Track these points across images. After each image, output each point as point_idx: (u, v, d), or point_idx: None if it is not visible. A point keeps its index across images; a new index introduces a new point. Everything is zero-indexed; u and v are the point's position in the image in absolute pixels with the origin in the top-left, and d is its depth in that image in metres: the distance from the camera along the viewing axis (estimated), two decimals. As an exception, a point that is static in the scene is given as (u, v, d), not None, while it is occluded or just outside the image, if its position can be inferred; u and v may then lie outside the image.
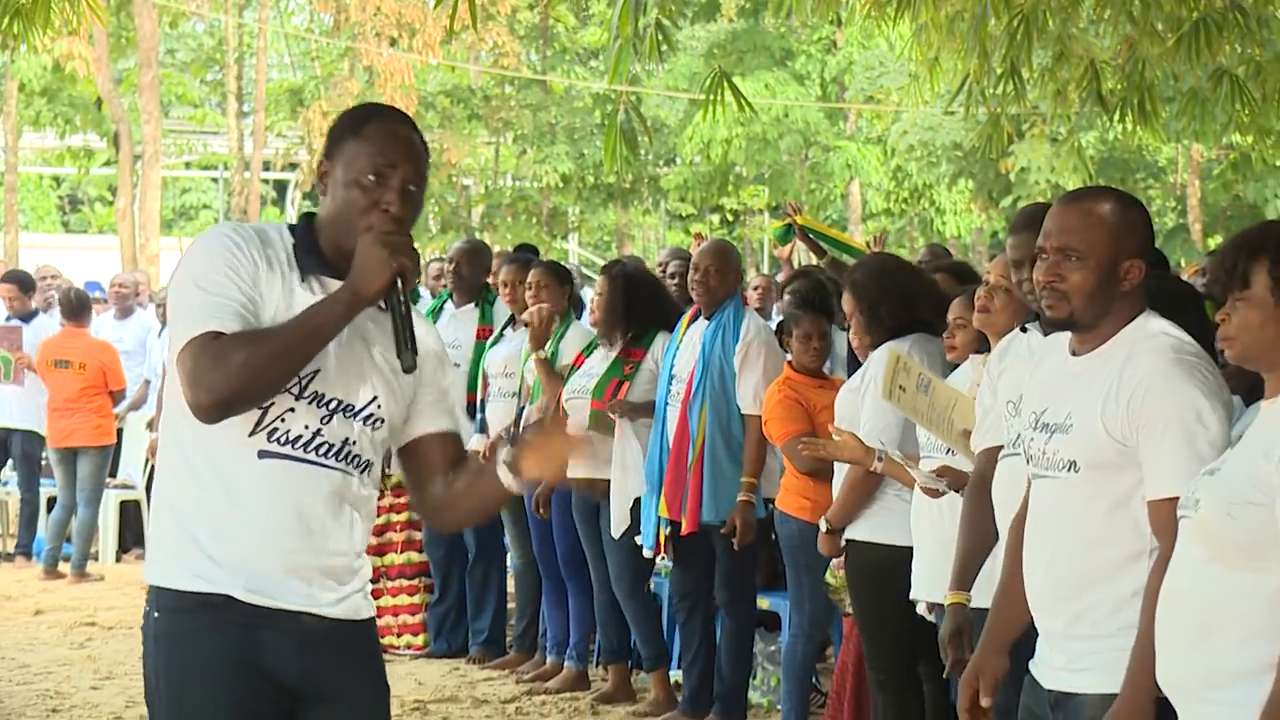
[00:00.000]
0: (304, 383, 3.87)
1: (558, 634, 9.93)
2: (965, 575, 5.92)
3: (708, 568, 8.82)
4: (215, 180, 43.01)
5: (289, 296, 3.89)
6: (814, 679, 9.00)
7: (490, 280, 10.53)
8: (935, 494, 6.41)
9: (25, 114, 34.36)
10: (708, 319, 8.76)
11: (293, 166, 37.08)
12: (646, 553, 8.93)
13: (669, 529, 8.78)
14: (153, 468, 13.84)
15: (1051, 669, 4.59)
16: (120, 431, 14.46)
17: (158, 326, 14.05)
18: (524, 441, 4.03)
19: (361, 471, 4.01)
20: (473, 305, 10.47)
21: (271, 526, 3.89)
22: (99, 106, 32.95)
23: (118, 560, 14.89)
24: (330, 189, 3.96)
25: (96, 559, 14.55)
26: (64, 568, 14.04)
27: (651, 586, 9.76)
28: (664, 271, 10.84)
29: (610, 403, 9.09)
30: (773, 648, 9.35)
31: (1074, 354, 4.55)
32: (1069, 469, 4.45)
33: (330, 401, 3.91)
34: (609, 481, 8.91)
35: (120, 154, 30.42)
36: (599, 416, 9.08)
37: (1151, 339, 4.41)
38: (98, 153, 39.12)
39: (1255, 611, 3.96)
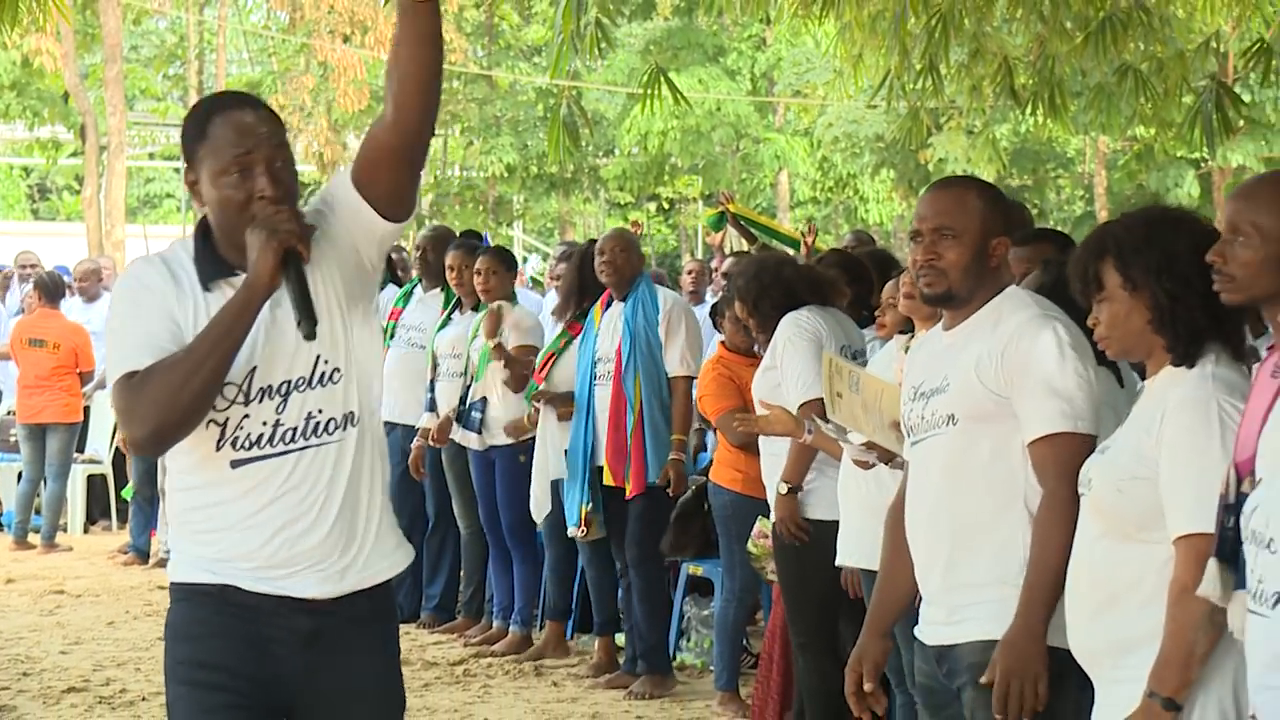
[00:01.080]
0: (246, 386, 3.77)
1: (503, 600, 9.97)
2: None
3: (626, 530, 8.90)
4: (177, 170, 42.56)
5: (199, 309, 3.76)
6: (745, 641, 9.02)
7: None
8: (865, 465, 6.44)
9: (-6, 107, 34.26)
10: (621, 300, 8.86)
11: (251, 156, 36.90)
12: (571, 533, 8.98)
13: (590, 506, 8.84)
14: (125, 441, 13.85)
15: (933, 625, 4.61)
16: (87, 409, 14.43)
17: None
18: None
19: (341, 429, 3.84)
20: (439, 289, 10.46)
21: (260, 524, 3.79)
22: (66, 100, 32.73)
23: (85, 531, 14.88)
24: (204, 196, 3.81)
25: (65, 530, 14.49)
26: (33, 539, 13.98)
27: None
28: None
29: (537, 391, 9.25)
30: (706, 612, 9.38)
31: (946, 330, 4.64)
32: (948, 423, 4.51)
33: (280, 387, 3.79)
34: None
35: (87, 145, 30.20)
36: (532, 387, 9.23)
37: (1018, 303, 4.52)
38: (65, 144, 38.80)
39: (1149, 580, 4.00)
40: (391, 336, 10.29)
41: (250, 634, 3.80)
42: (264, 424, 3.78)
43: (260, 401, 3.77)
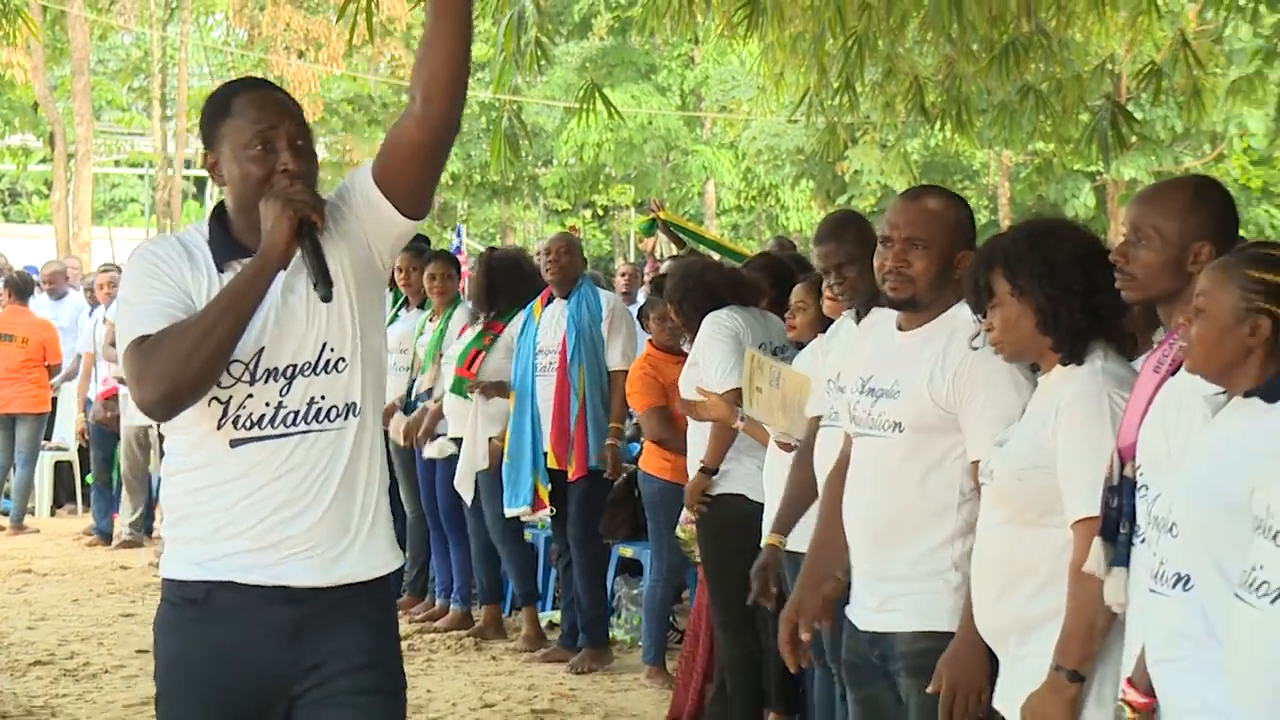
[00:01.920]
0: (252, 365, 3.59)
1: (444, 580, 10.04)
2: (782, 523, 6.02)
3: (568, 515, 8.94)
4: (141, 177, 42.48)
5: (214, 288, 3.60)
6: (672, 619, 9.04)
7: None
8: (789, 448, 6.46)
9: (-33, 117, 34.03)
10: (564, 298, 8.92)
11: (211, 164, 36.76)
12: (511, 512, 9.00)
13: (549, 486, 8.87)
14: (84, 432, 13.77)
15: (865, 611, 4.61)
16: (55, 400, 14.38)
17: (88, 307, 13.93)
18: None
19: (342, 417, 3.66)
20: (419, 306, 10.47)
21: (255, 506, 3.60)
22: (36, 110, 32.59)
23: (52, 514, 14.86)
24: (225, 176, 3.67)
25: (33, 513, 14.44)
26: (2, 521, 13.94)
27: (529, 537, 9.82)
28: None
29: (468, 383, 9.25)
30: (635, 591, 9.40)
31: (900, 329, 4.61)
32: (894, 429, 4.49)
33: (286, 370, 3.62)
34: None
35: (55, 152, 30.06)
36: (461, 382, 9.24)
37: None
38: (35, 151, 38.68)
39: (1048, 562, 4.03)
40: None
41: (236, 637, 3.60)
42: (266, 405, 3.61)
43: (265, 382, 3.61)
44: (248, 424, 3.60)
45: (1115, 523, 3.76)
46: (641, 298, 12.09)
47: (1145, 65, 9.27)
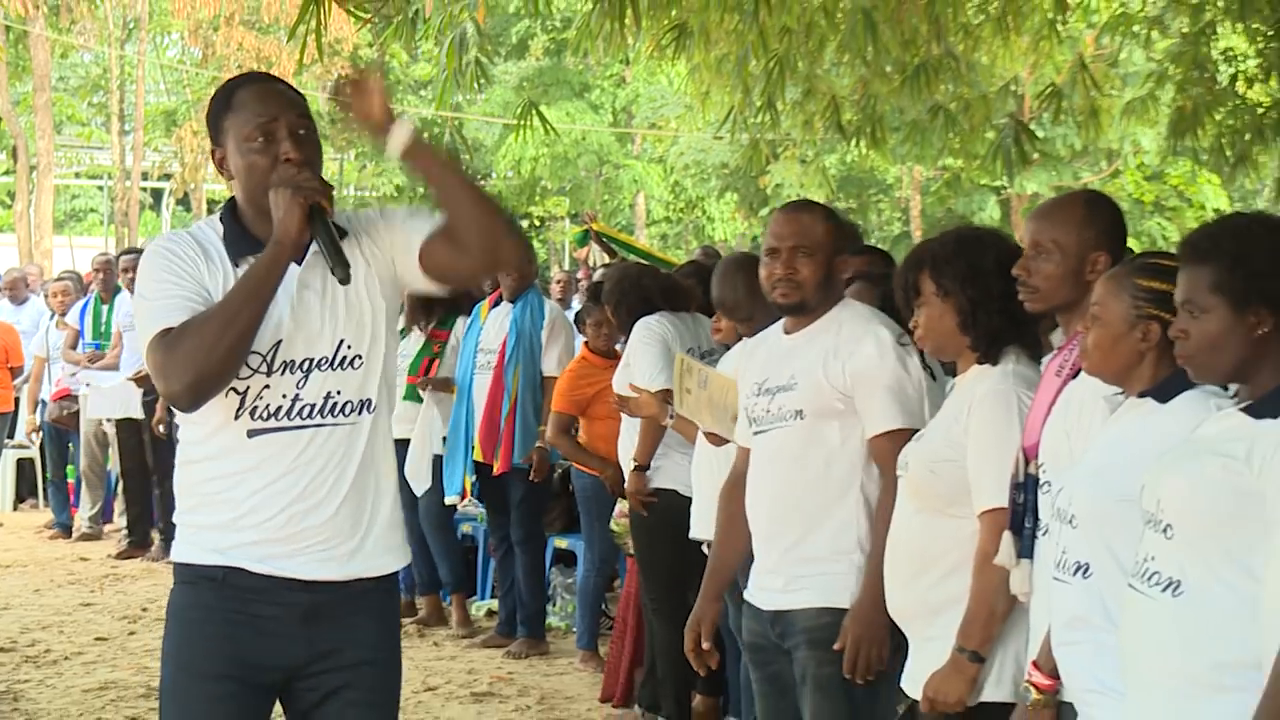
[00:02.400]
0: (270, 357, 3.48)
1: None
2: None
3: (510, 511, 8.93)
4: (100, 188, 42.22)
5: (229, 282, 3.49)
6: (604, 606, 9.04)
7: None
8: (719, 442, 6.47)
9: (-66, 131, 33.74)
10: (511, 302, 8.90)
11: (167, 177, 36.57)
12: (450, 500, 9.01)
13: (475, 478, 8.88)
14: (43, 430, 13.65)
15: (769, 593, 4.63)
16: (17, 400, 14.25)
17: (49, 312, 13.83)
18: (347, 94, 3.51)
19: (357, 413, 3.56)
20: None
21: (271, 498, 3.49)
22: (-1, 124, 32.40)
23: (14, 509, 14.70)
24: (232, 169, 3.56)
25: (-5, 508, 14.32)
26: (-32, 516, 13.79)
27: (470, 529, 9.81)
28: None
29: (421, 379, 9.18)
30: (570, 580, 9.40)
31: (787, 333, 4.67)
32: (796, 417, 4.54)
33: (302, 364, 3.50)
34: None
35: (18, 165, 29.85)
36: (413, 389, 9.20)
37: (857, 313, 4.59)
38: (-2, 164, 38.45)
39: (956, 551, 4.06)
40: None
41: (251, 619, 3.50)
42: (284, 396, 3.50)
43: (282, 374, 3.49)
44: (265, 415, 3.49)
45: (1021, 517, 3.80)
46: (577, 304, 12.09)
47: (1046, 87, 9.33)
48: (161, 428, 11.26)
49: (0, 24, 28.63)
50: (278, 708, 3.67)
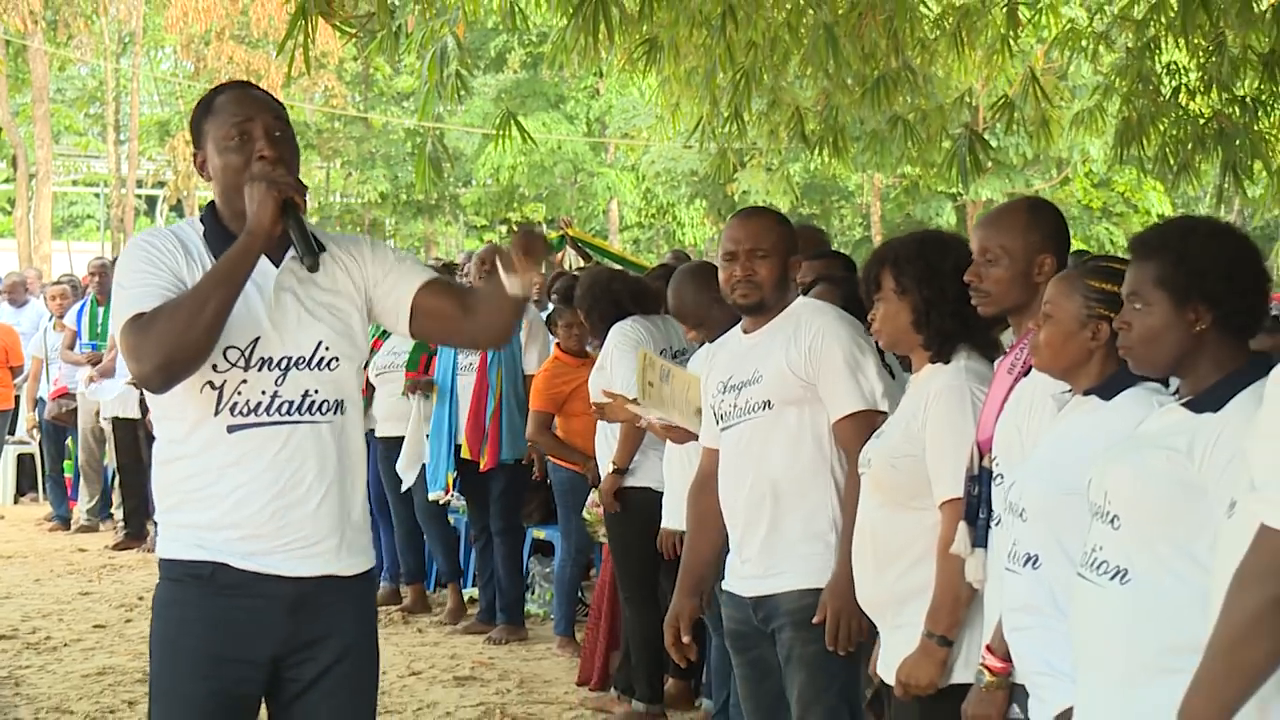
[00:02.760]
0: (248, 353, 3.43)
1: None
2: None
3: (490, 505, 8.93)
4: (97, 195, 42.07)
5: None
6: (580, 594, 9.04)
7: None
8: (681, 438, 6.50)
9: (-63, 140, 33.64)
10: None
11: (161, 184, 36.44)
12: (433, 496, 9.00)
13: (455, 474, 8.87)
14: (41, 427, 13.61)
15: (749, 580, 4.63)
16: (17, 399, 14.23)
17: (48, 314, 13.79)
18: (504, 255, 3.51)
19: (333, 412, 3.51)
20: None
21: (254, 493, 3.43)
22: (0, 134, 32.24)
23: (15, 502, 14.70)
24: (210, 170, 3.53)
25: (-2, 501, 14.28)
26: (-30, 509, 13.76)
27: (452, 521, 9.80)
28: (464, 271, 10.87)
29: (406, 383, 9.14)
30: (548, 570, 9.40)
31: (746, 333, 4.69)
32: (764, 408, 4.56)
33: (280, 361, 3.45)
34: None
35: (18, 173, 29.80)
36: (413, 384, 9.16)
37: (815, 308, 4.63)
38: (-1, 172, 38.32)
39: (920, 541, 4.07)
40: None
41: (237, 611, 3.44)
42: (262, 393, 3.44)
43: (260, 370, 3.44)
44: (244, 410, 3.44)
45: (975, 508, 3.81)
46: (549, 305, 12.08)
47: (999, 98, 9.36)
48: (151, 419, 11.23)
49: (0, 38, 28.51)
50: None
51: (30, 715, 7.27)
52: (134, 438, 11.97)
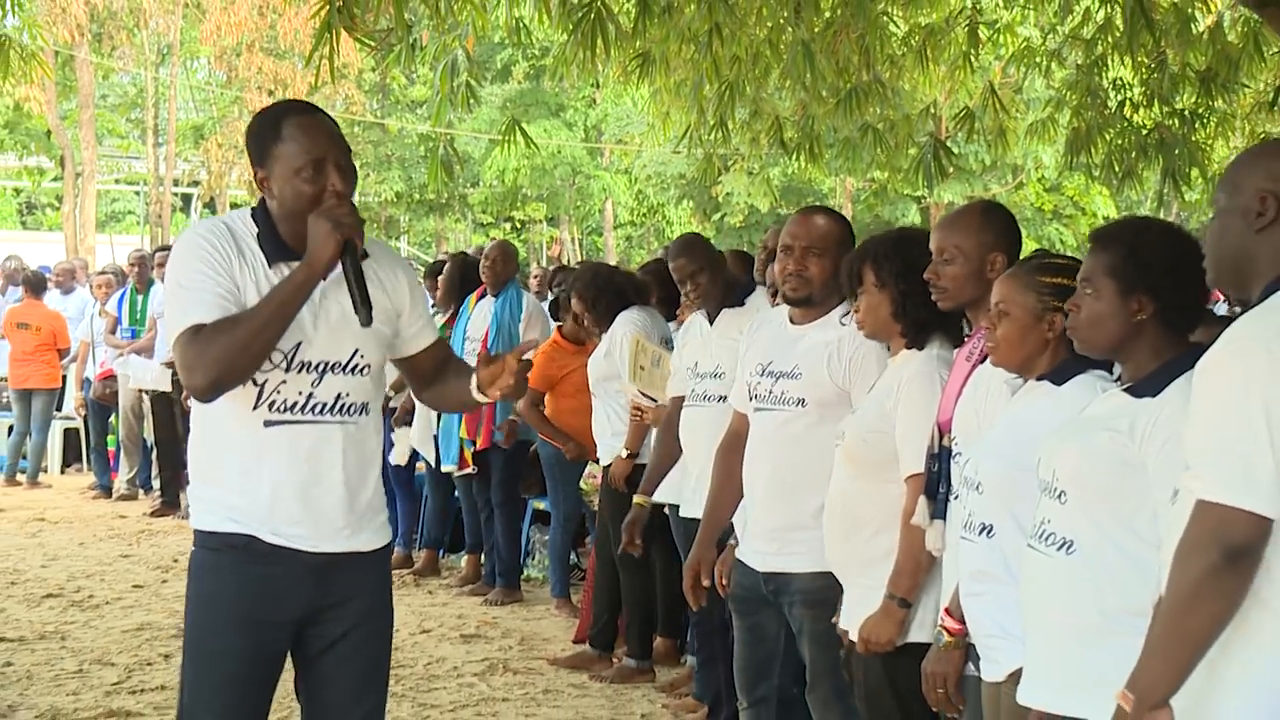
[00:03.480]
0: (290, 356, 3.42)
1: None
2: (649, 484, 6.14)
3: (490, 480, 8.92)
4: (137, 193, 41.94)
5: (261, 281, 3.42)
6: (576, 559, 9.05)
7: None
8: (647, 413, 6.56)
9: (-7, 141, 33.64)
10: (494, 296, 8.87)
11: (195, 183, 36.35)
12: (446, 469, 9.00)
13: (471, 448, 8.87)
14: (87, 404, 13.60)
15: (764, 555, 4.58)
16: (64, 378, 14.26)
17: (93, 301, 13.80)
18: (483, 363, 3.56)
19: (359, 414, 3.51)
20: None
21: (284, 482, 3.43)
22: (49, 137, 32.19)
23: (62, 472, 14.71)
24: (274, 190, 3.45)
25: (45, 471, 14.28)
26: (20, 478, 13.78)
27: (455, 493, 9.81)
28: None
29: None
30: (545, 538, 9.40)
31: (794, 323, 4.60)
32: (798, 404, 4.49)
33: (318, 365, 3.44)
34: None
35: (65, 172, 29.70)
36: None
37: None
38: (47, 171, 38.21)
39: (885, 511, 4.07)
40: None
41: (268, 577, 3.44)
42: (299, 393, 3.43)
43: (299, 373, 3.43)
44: (281, 408, 3.43)
45: (935, 483, 3.81)
46: (551, 294, 12.06)
47: (961, 110, 9.35)
48: (190, 403, 11.23)
49: (50, 49, 28.42)
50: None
51: (75, 666, 7.28)
52: (170, 415, 11.98)
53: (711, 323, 6.01)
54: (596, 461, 7.63)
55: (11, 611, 8.50)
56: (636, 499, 6.15)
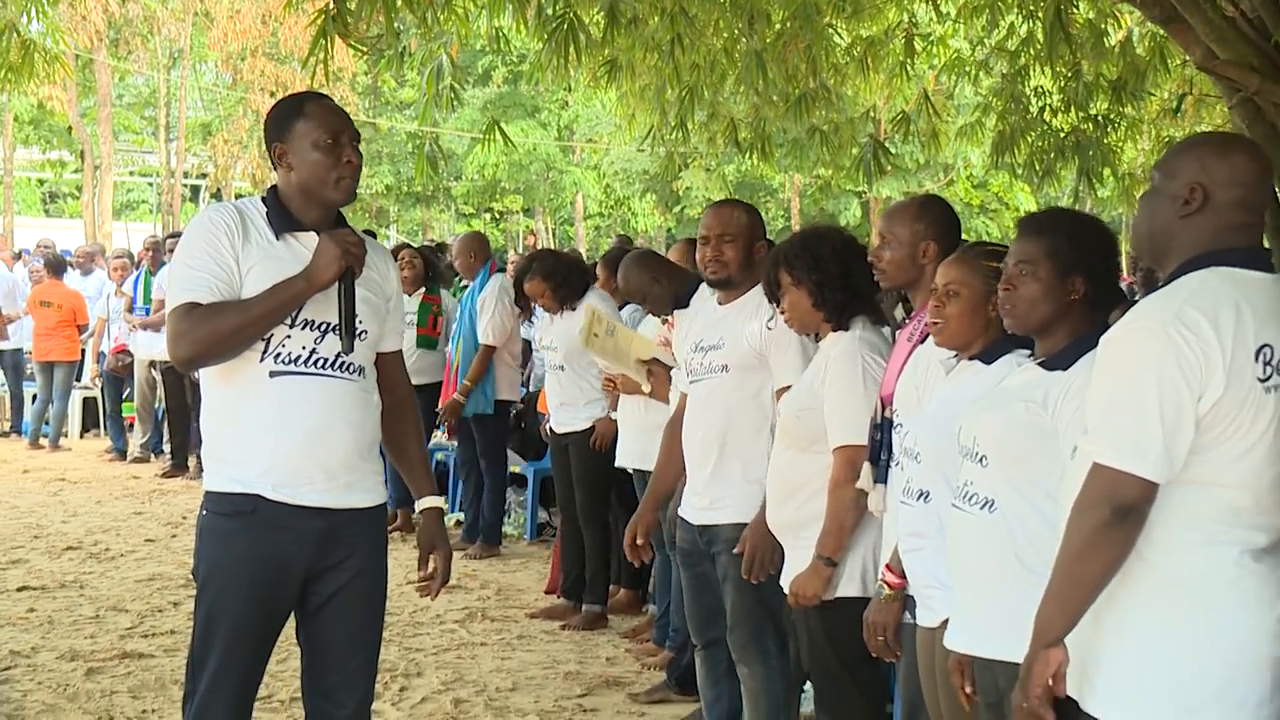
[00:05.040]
0: (294, 314, 3.39)
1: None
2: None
3: (476, 446, 8.89)
4: (150, 184, 41.67)
5: (267, 254, 3.39)
6: (548, 516, 9.05)
7: None
8: (612, 385, 6.55)
9: (18, 136, 33.54)
10: (471, 280, 8.87)
11: (203, 176, 36.14)
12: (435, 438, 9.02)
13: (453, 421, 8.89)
14: (103, 376, 13.53)
15: (697, 510, 4.65)
16: (83, 351, 14.22)
17: (109, 282, 13.75)
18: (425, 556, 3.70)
19: (359, 375, 3.48)
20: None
21: (289, 431, 3.38)
22: (69, 132, 31.93)
23: (81, 437, 14.65)
24: (291, 162, 3.45)
25: (66, 436, 14.20)
26: (43, 442, 13.72)
27: (443, 457, 9.80)
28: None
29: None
30: (521, 498, 9.40)
31: (720, 304, 4.65)
32: (723, 370, 4.55)
33: (320, 325, 3.42)
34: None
35: (84, 165, 29.52)
36: (426, 338, 9.14)
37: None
38: (68, 164, 37.96)
39: (816, 480, 4.10)
40: None
41: (276, 540, 3.41)
42: (303, 347, 3.40)
43: (302, 329, 3.40)
44: (286, 360, 3.41)
45: (878, 451, 3.83)
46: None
47: (898, 114, 9.35)
48: (198, 374, 11.19)
49: (71, 52, 28.16)
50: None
51: (92, 612, 7.25)
52: (180, 385, 11.94)
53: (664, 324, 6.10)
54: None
55: (35, 562, 8.47)
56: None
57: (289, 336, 3.40)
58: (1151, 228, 2.79)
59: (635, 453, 6.40)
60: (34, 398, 14.21)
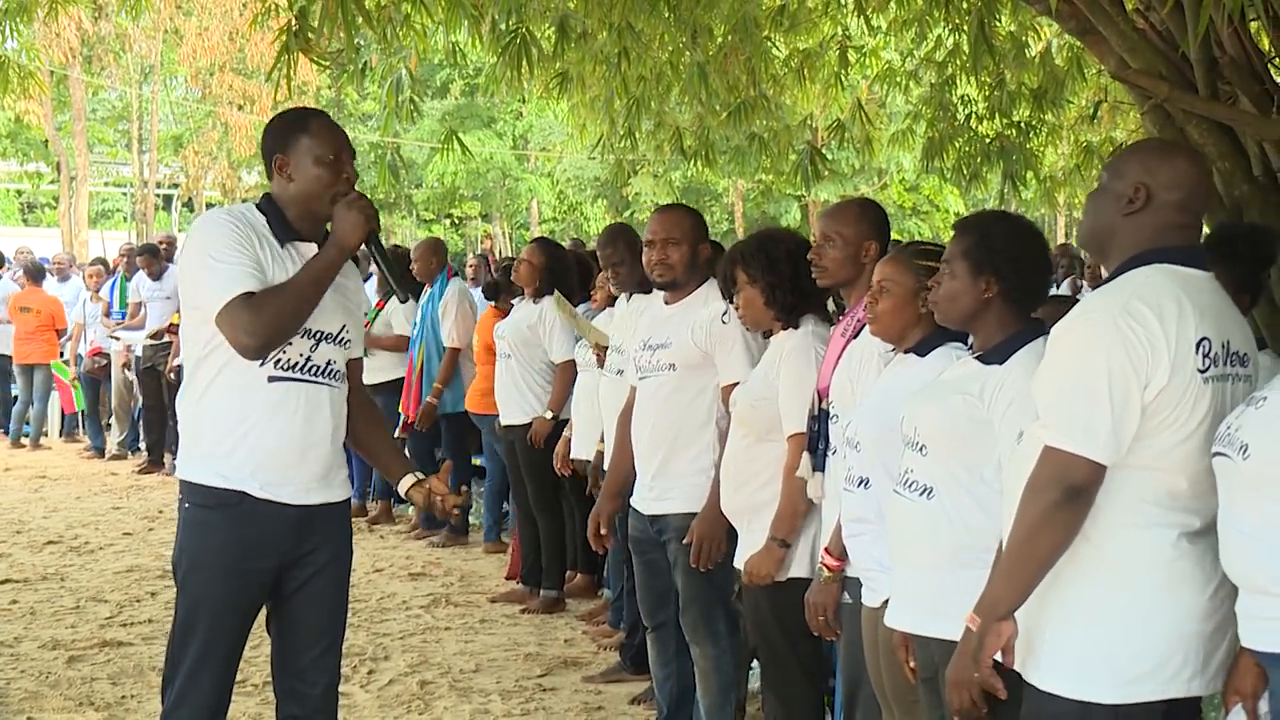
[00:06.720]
0: None
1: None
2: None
3: (441, 441, 8.84)
4: (124, 194, 41.25)
5: (275, 261, 3.37)
6: (507, 507, 9.01)
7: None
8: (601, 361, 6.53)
9: (-4, 149, 33.00)
10: (429, 285, 8.78)
11: (175, 186, 35.85)
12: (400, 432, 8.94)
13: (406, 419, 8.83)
14: (80, 378, 13.37)
15: (648, 500, 4.63)
16: (62, 354, 14.06)
17: (85, 288, 13.61)
18: (417, 488, 3.62)
19: (340, 381, 3.50)
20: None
21: (281, 434, 3.37)
22: (46, 145, 31.58)
23: (60, 436, 14.43)
24: (292, 173, 3.43)
25: (47, 435, 14.03)
26: (24, 441, 13.57)
27: (408, 452, 9.72)
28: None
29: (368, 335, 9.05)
30: (481, 489, 9.36)
31: (667, 304, 4.63)
32: (669, 369, 4.53)
33: (316, 334, 3.41)
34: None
35: (60, 176, 29.23)
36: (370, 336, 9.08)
37: (719, 294, 4.50)
38: (45, 175, 37.56)
39: (771, 467, 4.08)
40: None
41: (255, 531, 3.38)
42: (300, 355, 3.39)
43: (301, 337, 3.38)
44: (284, 366, 3.38)
45: (815, 441, 3.82)
46: (485, 279, 11.93)
47: (833, 121, 9.37)
48: (173, 375, 11.10)
49: (46, 69, 27.82)
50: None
51: (72, 603, 7.16)
52: (157, 386, 11.81)
53: (628, 302, 5.98)
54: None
55: (17, 556, 8.36)
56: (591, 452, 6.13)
57: (289, 343, 3.38)
58: (1097, 224, 2.80)
59: (584, 444, 6.36)
60: (15, 399, 14.02)
